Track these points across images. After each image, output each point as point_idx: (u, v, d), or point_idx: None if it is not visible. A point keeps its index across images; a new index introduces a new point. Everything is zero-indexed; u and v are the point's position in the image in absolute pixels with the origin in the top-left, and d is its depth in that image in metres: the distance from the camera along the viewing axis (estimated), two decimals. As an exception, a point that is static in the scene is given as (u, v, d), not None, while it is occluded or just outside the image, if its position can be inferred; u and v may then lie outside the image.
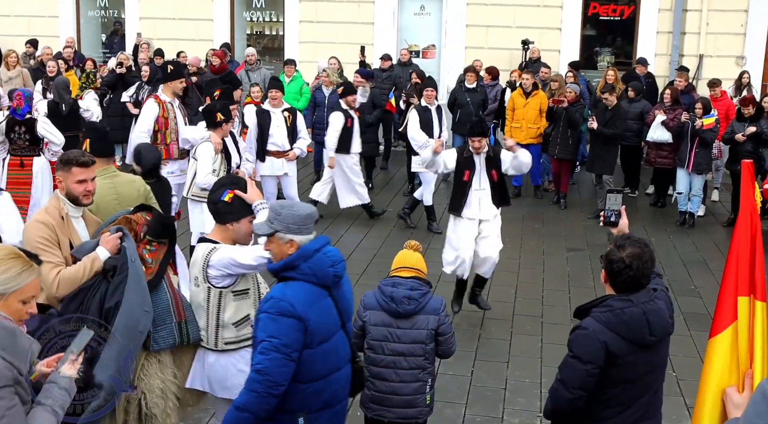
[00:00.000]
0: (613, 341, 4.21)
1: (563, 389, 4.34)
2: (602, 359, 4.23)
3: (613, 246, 4.36)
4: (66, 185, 5.36)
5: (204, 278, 5.20)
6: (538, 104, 14.38)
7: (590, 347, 4.24)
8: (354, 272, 10.39)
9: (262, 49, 19.96)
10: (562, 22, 18.57)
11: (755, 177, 12.14)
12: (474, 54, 17.82)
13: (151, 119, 10.32)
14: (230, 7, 19.81)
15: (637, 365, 4.28)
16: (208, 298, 5.25)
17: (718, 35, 17.96)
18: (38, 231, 5.16)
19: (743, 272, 3.49)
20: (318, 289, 4.53)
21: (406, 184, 14.84)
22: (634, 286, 4.27)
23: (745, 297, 3.49)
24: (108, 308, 4.95)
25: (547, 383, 7.72)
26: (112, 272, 5.07)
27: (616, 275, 4.29)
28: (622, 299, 4.27)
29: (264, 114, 11.70)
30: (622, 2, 18.82)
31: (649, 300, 4.27)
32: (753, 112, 12.74)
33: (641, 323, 4.21)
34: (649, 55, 17.63)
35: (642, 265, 4.24)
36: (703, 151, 12.87)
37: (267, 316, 4.40)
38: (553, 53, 18.11)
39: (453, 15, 18.85)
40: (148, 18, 19.71)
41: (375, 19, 19.05)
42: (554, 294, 10.08)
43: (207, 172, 9.04)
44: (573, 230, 12.72)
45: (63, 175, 5.37)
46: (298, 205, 4.71)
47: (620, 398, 4.32)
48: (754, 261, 3.50)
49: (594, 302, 4.41)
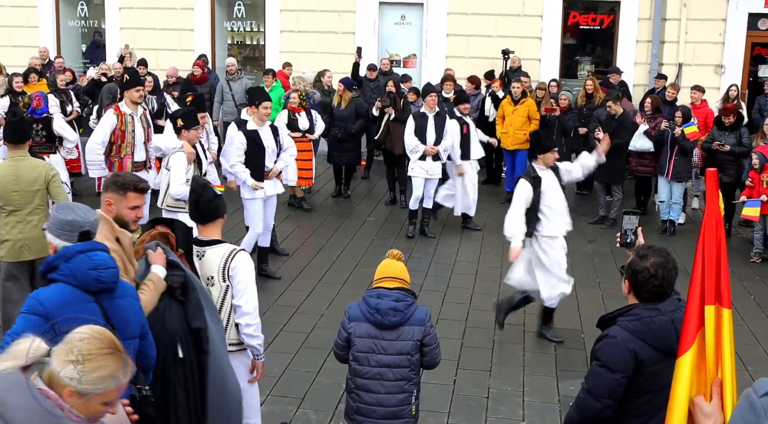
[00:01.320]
0: (642, 350, 4.21)
1: (591, 398, 4.30)
2: (631, 368, 4.21)
3: (635, 256, 4.34)
4: (117, 209, 5.05)
5: (224, 277, 5.44)
6: (526, 111, 14.46)
7: (619, 355, 4.22)
8: (336, 281, 10.39)
9: (243, 59, 19.94)
10: (543, 31, 18.64)
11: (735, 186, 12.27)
12: (455, 63, 17.87)
13: (107, 131, 10.20)
14: (211, 17, 19.78)
15: (662, 375, 4.22)
16: (224, 298, 5.48)
17: (696, 44, 18.08)
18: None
19: (710, 281, 3.51)
20: (80, 293, 4.25)
21: (388, 194, 14.85)
22: (660, 295, 4.28)
23: (712, 305, 3.50)
24: (198, 328, 4.82)
25: (529, 392, 7.73)
26: (180, 290, 4.88)
27: (641, 285, 4.28)
28: (649, 308, 4.26)
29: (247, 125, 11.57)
30: (601, 11, 18.93)
31: (675, 309, 4.27)
32: (733, 121, 12.84)
33: (669, 331, 4.19)
34: (629, 64, 17.73)
35: (667, 273, 4.25)
36: (683, 159, 12.93)
37: (20, 315, 4.23)
38: (533, 62, 18.18)
39: (434, 24, 18.90)
40: (128, 28, 19.65)
41: (356, 29, 19.07)
42: (536, 303, 10.07)
43: (181, 182, 8.87)
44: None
45: (115, 198, 5.05)
46: (68, 210, 4.60)
47: (645, 408, 4.29)
48: (720, 269, 3.52)
49: (620, 311, 4.38)
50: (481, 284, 10.68)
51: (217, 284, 5.46)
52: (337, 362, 5.76)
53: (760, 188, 11.69)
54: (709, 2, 17.93)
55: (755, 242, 12.02)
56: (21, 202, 7.95)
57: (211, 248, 5.51)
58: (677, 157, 12.88)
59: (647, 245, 4.59)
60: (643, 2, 18.26)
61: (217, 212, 5.62)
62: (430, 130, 12.41)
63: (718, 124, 13.11)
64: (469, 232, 13.02)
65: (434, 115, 12.48)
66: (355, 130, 14.62)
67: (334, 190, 15.25)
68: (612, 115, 13.45)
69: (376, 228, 13.01)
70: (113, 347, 3.10)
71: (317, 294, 10.09)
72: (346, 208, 14.36)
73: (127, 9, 19.71)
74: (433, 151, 12.34)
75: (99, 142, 10.15)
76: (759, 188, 11.71)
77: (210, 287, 5.45)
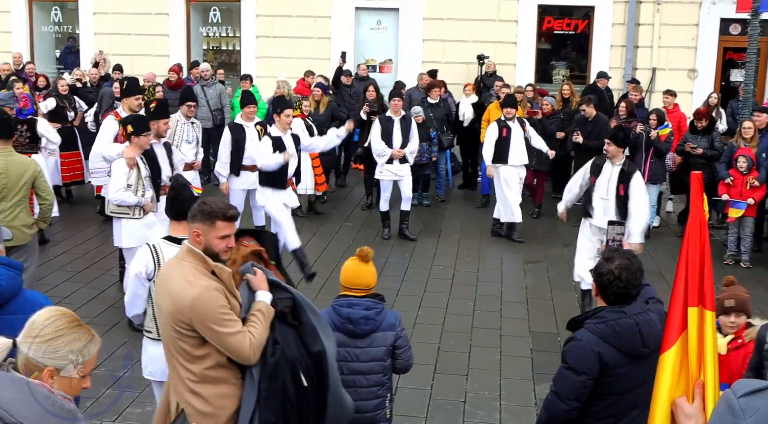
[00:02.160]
0: (608, 352, 4.28)
1: (558, 400, 4.38)
2: (596, 370, 4.28)
3: (601, 259, 4.44)
4: (206, 240, 4.58)
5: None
6: None
7: (584, 358, 4.29)
8: (312, 287, 10.37)
9: (219, 64, 19.88)
10: (518, 36, 18.74)
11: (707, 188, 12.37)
12: (430, 68, 17.92)
13: (110, 138, 10.21)
14: (186, 22, 19.73)
15: (628, 377, 4.34)
16: None
17: (670, 49, 18.24)
18: (217, 300, 4.41)
19: (693, 282, 3.54)
20: None
21: (365, 198, 14.88)
22: (625, 297, 4.36)
23: (695, 307, 3.53)
24: (318, 352, 4.58)
25: (506, 396, 7.76)
26: (291, 315, 4.61)
27: (606, 287, 4.37)
28: (615, 311, 4.34)
29: (238, 128, 11.59)
30: (576, 16, 19.05)
31: (642, 312, 4.36)
32: (705, 125, 12.99)
33: (634, 334, 4.29)
34: (604, 69, 17.82)
35: (631, 276, 4.34)
36: (658, 162, 13.06)
37: None
38: (508, 67, 18.25)
39: (409, 30, 18.94)
40: (103, 34, 19.55)
41: (332, 34, 19.08)
42: (512, 306, 10.12)
43: (117, 188, 8.75)
44: (530, 242, 12.80)
45: (203, 228, 4.57)
46: None
47: (611, 409, 4.38)
48: (704, 272, 3.55)
49: (587, 314, 4.47)
50: (458, 288, 10.71)
51: None
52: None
53: (743, 190, 11.79)
54: (682, 7, 18.10)
55: (729, 245, 12.13)
56: (6, 193, 8.33)
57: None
58: (652, 159, 12.98)
59: (613, 248, 4.65)
60: (617, 7, 18.40)
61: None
62: (396, 133, 12.58)
63: (691, 128, 13.26)
64: (446, 236, 13.04)
65: (400, 119, 12.67)
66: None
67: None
68: (586, 117, 13.56)
69: (352, 233, 13.02)
70: (78, 320, 3.21)
71: (294, 299, 10.06)
72: (323, 212, 14.35)
73: (101, 14, 19.61)
74: (399, 154, 12.48)
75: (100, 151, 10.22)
76: (741, 190, 11.80)
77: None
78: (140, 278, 5.89)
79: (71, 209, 14.04)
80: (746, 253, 11.99)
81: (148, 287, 5.87)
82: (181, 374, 4.51)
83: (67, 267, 11.01)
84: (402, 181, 12.69)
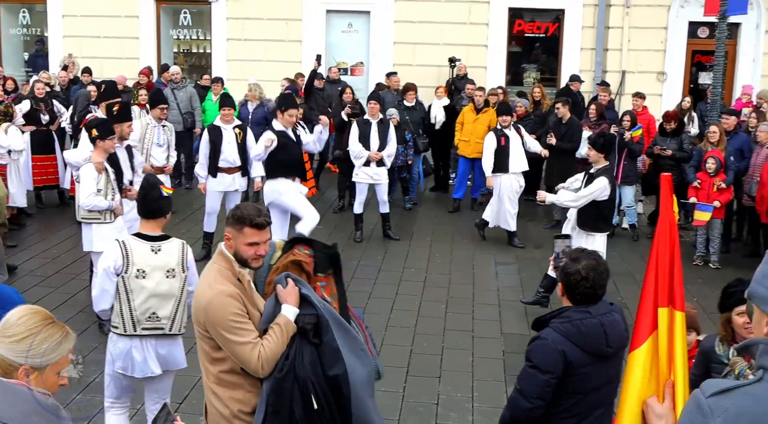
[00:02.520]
0: (572, 351, 4.31)
1: (522, 399, 4.41)
2: (561, 369, 4.31)
3: (568, 260, 4.48)
4: (235, 245, 4.52)
5: (183, 268, 6.01)
6: (487, 121, 14.52)
7: (549, 356, 4.32)
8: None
9: (189, 67, 19.80)
10: (489, 39, 18.81)
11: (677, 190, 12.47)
12: (402, 71, 17.94)
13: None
14: (156, 25, 19.63)
15: (592, 377, 4.37)
16: (183, 287, 6.03)
17: (639, 52, 18.39)
18: (230, 307, 4.37)
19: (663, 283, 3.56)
20: None
21: (338, 201, 14.88)
22: (591, 297, 4.40)
23: (665, 308, 3.56)
24: (335, 376, 4.35)
25: (479, 397, 7.77)
26: (313, 332, 4.40)
27: (573, 288, 4.41)
28: (580, 311, 4.38)
29: (216, 130, 11.56)
30: (546, 20, 19.15)
31: (606, 312, 4.41)
32: (674, 127, 13.11)
33: (599, 333, 4.33)
34: (574, 71, 17.92)
35: (598, 276, 4.38)
36: (631, 163, 13.14)
37: None
38: (479, 70, 18.31)
39: (380, 32, 18.96)
40: (72, 36, 19.40)
41: (303, 37, 19.06)
42: (484, 308, 10.15)
43: (88, 194, 8.70)
44: (501, 244, 12.83)
45: (233, 232, 4.53)
46: None
47: (575, 409, 4.41)
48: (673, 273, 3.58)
49: (552, 313, 4.50)
50: (430, 290, 10.72)
51: (179, 275, 5.99)
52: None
53: (710, 192, 11.89)
54: (651, 11, 18.25)
55: (698, 246, 12.24)
56: None
57: (165, 243, 6.01)
58: (626, 161, 13.05)
59: (580, 248, 4.69)
60: (587, 11, 18.52)
61: (161, 211, 6.04)
62: (374, 136, 12.61)
63: (660, 130, 13.38)
64: (418, 238, 13.05)
65: (377, 122, 12.71)
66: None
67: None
68: (560, 119, 13.63)
69: (324, 237, 12.99)
70: (51, 318, 3.20)
71: (266, 303, 10.04)
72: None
73: (70, 17, 19.46)
74: (376, 157, 12.51)
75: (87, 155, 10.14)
76: (709, 192, 11.90)
77: (171, 279, 5.94)
78: (108, 273, 5.92)
79: (41, 213, 13.91)
80: (715, 254, 12.10)
81: (116, 283, 5.91)
82: (204, 374, 4.58)
83: (36, 272, 10.91)
84: (379, 185, 12.73)
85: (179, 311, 6.01)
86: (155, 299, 5.93)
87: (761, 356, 2.42)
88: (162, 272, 5.92)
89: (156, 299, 5.94)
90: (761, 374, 2.40)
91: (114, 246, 5.97)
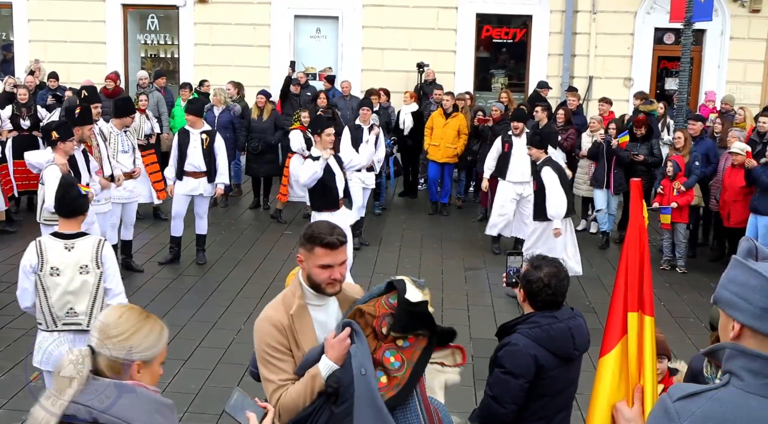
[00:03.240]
0: (542, 355, 4.38)
1: (496, 405, 4.46)
2: (533, 373, 4.38)
3: (529, 267, 4.53)
4: (307, 267, 4.03)
5: (98, 265, 6.13)
6: (457, 125, 14.59)
7: (521, 361, 4.38)
8: (254, 295, 10.31)
9: (157, 72, 19.65)
10: (457, 44, 18.88)
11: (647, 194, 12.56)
12: (370, 76, 17.97)
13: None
14: (123, 29, 19.51)
15: (559, 379, 4.47)
16: (98, 283, 6.16)
17: (606, 58, 18.53)
18: (267, 337, 3.99)
19: (633, 288, 3.59)
20: None
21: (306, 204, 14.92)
22: (553, 304, 4.48)
23: (635, 312, 3.58)
24: None
25: (448, 402, 7.71)
26: (335, 395, 3.86)
27: (535, 294, 4.47)
28: (547, 316, 4.46)
29: (184, 134, 11.58)
30: (514, 25, 19.26)
31: (571, 317, 4.50)
32: (644, 132, 13.20)
33: (567, 337, 4.42)
34: (541, 77, 18.04)
35: (559, 283, 4.46)
36: (621, 171, 13.11)
37: None
38: (448, 75, 18.37)
39: (349, 38, 18.97)
40: (38, 41, 19.25)
41: (271, 42, 19.02)
42: (453, 313, 10.16)
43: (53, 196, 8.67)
44: (471, 249, 12.86)
45: (304, 254, 4.05)
46: None
47: (543, 411, 4.49)
48: (643, 277, 3.60)
49: (518, 320, 4.55)
50: (399, 295, 10.69)
51: (92, 271, 6.13)
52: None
53: (671, 196, 11.99)
54: (618, 17, 18.41)
55: (664, 250, 12.33)
56: None
57: (79, 240, 6.18)
58: (616, 169, 13.09)
59: (541, 256, 4.75)
60: (554, 16, 18.64)
61: (80, 210, 6.30)
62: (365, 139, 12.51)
63: (630, 135, 13.44)
64: (387, 244, 13.05)
65: (369, 128, 12.70)
66: (274, 142, 14.67)
67: (252, 202, 15.20)
68: (537, 123, 13.70)
69: (293, 241, 12.96)
70: (145, 312, 3.22)
71: (234, 309, 9.99)
72: (264, 221, 14.29)
73: (36, 21, 19.30)
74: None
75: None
76: (669, 196, 12.01)
77: (85, 275, 6.11)
78: (26, 272, 6.14)
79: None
80: (682, 258, 12.19)
81: (33, 281, 6.11)
82: None
83: (2, 278, 10.79)
84: (366, 189, 12.83)
85: (95, 307, 6.14)
86: (70, 295, 6.11)
87: (727, 360, 2.44)
88: (75, 269, 6.08)
89: (71, 296, 6.11)
90: (727, 379, 2.42)
91: (30, 246, 6.21)
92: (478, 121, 14.53)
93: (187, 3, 19.11)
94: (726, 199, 11.79)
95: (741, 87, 18.53)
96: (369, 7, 18.77)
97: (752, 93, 18.55)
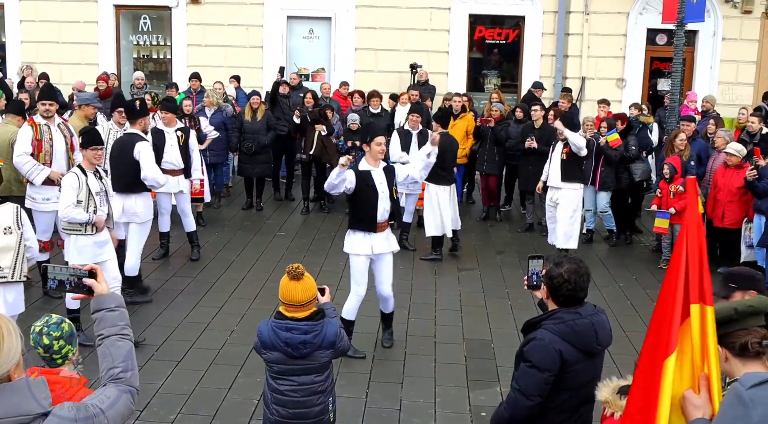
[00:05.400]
0: (567, 350, 4.57)
1: (524, 398, 4.62)
2: (558, 367, 4.56)
3: (552, 265, 4.74)
4: None
5: (18, 226, 7.45)
6: (465, 126, 14.60)
7: (547, 355, 4.56)
8: (247, 297, 10.31)
9: (149, 72, 19.65)
10: (450, 45, 18.90)
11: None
12: (363, 77, 17.98)
13: (26, 141, 10.16)
14: (116, 30, 19.48)
15: (582, 373, 4.64)
16: (20, 241, 7.44)
17: (599, 58, 18.56)
18: None
19: (694, 280, 3.65)
20: None
21: (302, 204, 14.93)
22: (574, 299, 4.68)
23: (697, 304, 3.64)
24: None
25: (441, 403, 7.78)
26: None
27: (556, 290, 4.68)
28: (570, 312, 4.66)
29: (158, 133, 11.62)
30: (507, 26, 19.28)
31: (594, 313, 4.72)
32: (623, 128, 13.28)
33: (590, 332, 4.64)
34: (534, 78, 18.08)
35: (579, 279, 4.66)
36: (608, 169, 13.11)
37: None
38: (441, 76, 18.39)
39: (342, 38, 18.98)
40: (30, 42, 19.21)
41: (264, 43, 19.02)
42: (446, 314, 10.16)
43: (66, 205, 8.43)
44: (464, 250, 12.86)
45: None
46: None
47: (567, 404, 4.68)
48: (702, 269, 3.67)
49: (543, 316, 4.74)
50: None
51: (14, 232, 7.42)
52: (248, 379, 5.76)
53: (668, 199, 11.99)
54: (610, 18, 18.44)
55: (663, 250, 12.27)
56: None
57: (1, 206, 7.44)
58: (603, 167, 13.09)
59: (562, 254, 4.92)
60: (547, 17, 18.67)
61: None
62: (414, 147, 12.53)
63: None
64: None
65: (417, 133, 12.70)
66: (267, 142, 14.65)
67: (245, 203, 15.18)
68: (533, 125, 13.72)
69: (286, 242, 12.95)
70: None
71: (227, 310, 9.99)
72: (256, 222, 14.27)
73: (28, 22, 19.27)
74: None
75: (20, 153, 10.09)
76: (667, 199, 12.01)
77: (8, 235, 7.37)
78: None
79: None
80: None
81: None
82: None
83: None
84: (411, 195, 12.79)
85: (18, 261, 7.45)
86: None
87: None
88: (0, 230, 7.35)
89: None
90: None
91: None
92: (480, 121, 14.56)
93: (180, 4, 19.09)
94: (720, 199, 11.77)
95: (733, 88, 18.60)
96: (362, 7, 18.78)
97: (744, 94, 18.60)
